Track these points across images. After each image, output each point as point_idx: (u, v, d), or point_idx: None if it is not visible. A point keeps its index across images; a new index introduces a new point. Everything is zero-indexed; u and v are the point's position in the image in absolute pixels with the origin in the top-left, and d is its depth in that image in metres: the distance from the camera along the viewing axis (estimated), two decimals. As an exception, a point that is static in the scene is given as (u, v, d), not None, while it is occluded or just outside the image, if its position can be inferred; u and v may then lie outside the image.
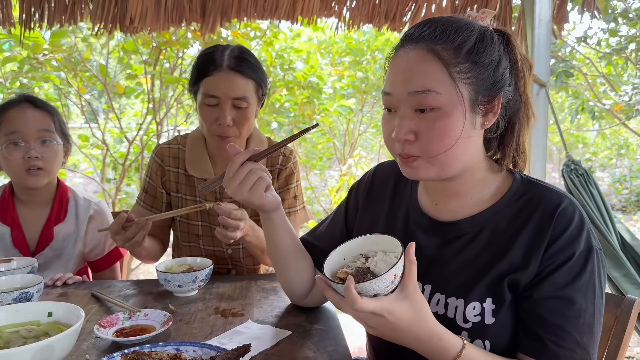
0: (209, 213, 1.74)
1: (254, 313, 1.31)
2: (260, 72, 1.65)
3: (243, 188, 1.13)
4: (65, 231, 1.76)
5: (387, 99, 1.00)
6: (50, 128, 1.70)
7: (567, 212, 0.96)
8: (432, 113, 0.94)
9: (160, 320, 1.21)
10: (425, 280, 1.07)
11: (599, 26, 5.51)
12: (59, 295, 1.47)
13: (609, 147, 9.92)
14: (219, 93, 1.57)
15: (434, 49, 0.94)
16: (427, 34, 0.96)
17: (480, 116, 0.97)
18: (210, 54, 1.61)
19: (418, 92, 0.94)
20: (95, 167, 4.55)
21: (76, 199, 1.81)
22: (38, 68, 3.88)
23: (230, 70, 1.57)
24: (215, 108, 1.59)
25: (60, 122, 1.76)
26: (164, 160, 1.76)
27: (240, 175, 1.12)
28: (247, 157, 1.13)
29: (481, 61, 0.95)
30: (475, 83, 0.95)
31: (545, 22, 2.46)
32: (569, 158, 2.31)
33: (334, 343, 1.14)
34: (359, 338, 2.76)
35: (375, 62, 5.41)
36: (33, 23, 2.62)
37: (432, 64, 0.94)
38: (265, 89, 1.69)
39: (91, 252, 1.81)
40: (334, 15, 2.83)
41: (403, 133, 0.96)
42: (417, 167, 0.99)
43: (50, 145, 1.69)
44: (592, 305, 0.94)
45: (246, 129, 1.64)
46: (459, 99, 0.94)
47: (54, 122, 1.72)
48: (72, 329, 0.97)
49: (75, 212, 1.79)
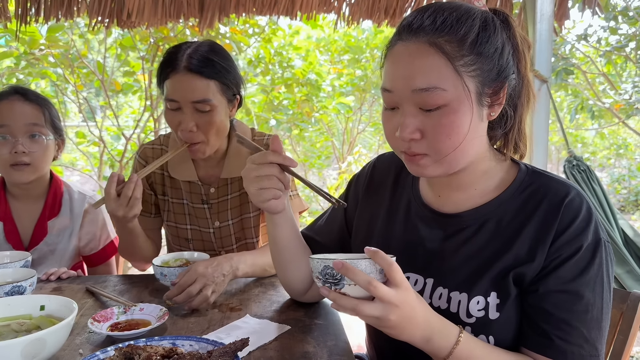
0: (197, 216, 1.68)
1: (252, 308, 1.28)
2: (226, 71, 1.51)
3: (254, 183, 1.09)
4: (59, 226, 1.73)
5: (388, 97, 0.95)
6: (40, 122, 1.65)
7: (575, 204, 0.93)
8: (438, 110, 0.90)
9: (156, 315, 1.18)
10: (426, 274, 1.04)
11: (599, 24, 5.50)
12: (52, 290, 1.43)
13: (608, 147, 9.91)
14: (178, 97, 1.46)
15: (436, 42, 0.89)
16: (427, 24, 0.90)
17: (486, 108, 0.94)
18: (172, 53, 1.50)
19: (422, 89, 0.89)
20: (92, 164, 4.52)
21: (70, 193, 1.78)
22: (35, 64, 3.85)
23: (188, 72, 1.45)
24: (178, 112, 1.48)
25: (52, 115, 1.71)
26: (147, 161, 1.67)
27: (260, 171, 1.08)
28: (281, 161, 1.08)
29: (485, 51, 0.90)
30: (481, 75, 0.90)
31: (547, 17, 2.44)
32: (571, 154, 2.29)
33: (334, 338, 1.11)
34: (358, 337, 2.74)
35: (374, 60, 5.38)
36: (29, 18, 2.59)
37: (435, 59, 0.88)
38: (237, 89, 1.56)
39: (86, 246, 1.78)
40: (333, 10, 2.80)
41: (408, 132, 0.92)
42: (424, 165, 0.95)
43: (39, 140, 1.64)
44: (600, 299, 0.91)
45: (213, 133, 1.51)
46: (465, 94, 0.89)
47: (44, 115, 1.67)
48: (64, 322, 0.94)
49: (70, 206, 1.76)
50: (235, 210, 1.68)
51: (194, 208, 1.68)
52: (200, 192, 1.66)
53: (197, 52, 1.47)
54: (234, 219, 1.68)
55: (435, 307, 0.99)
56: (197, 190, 1.66)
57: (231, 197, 1.67)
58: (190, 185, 1.66)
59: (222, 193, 1.67)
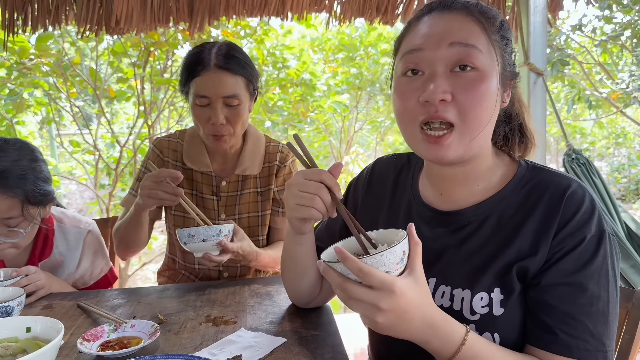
0: (205, 207, 1.72)
1: (247, 320, 1.25)
2: (250, 68, 1.62)
3: (296, 197, 1.00)
4: (50, 265, 1.62)
5: (416, 56, 0.91)
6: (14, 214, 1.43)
7: (577, 196, 0.91)
8: (473, 72, 0.88)
9: (147, 332, 1.15)
10: (429, 274, 1.00)
11: (594, 14, 5.47)
12: (43, 308, 1.40)
13: (606, 137, 9.87)
14: (209, 93, 1.55)
15: (472, 13, 0.91)
16: (460, 2, 0.93)
17: (501, 92, 0.94)
18: (198, 53, 1.58)
19: (462, 43, 0.88)
20: (88, 173, 4.48)
21: (63, 228, 1.66)
22: (27, 74, 3.81)
23: (219, 69, 1.55)
24: (207, 108, 1.57)
25: (34, 199, 1.46)
26: (162, 151, 1.75)
27: (308, 187, 0.98)
28: (333, 185, 0.98)
29: (507, 37, 0.94)
30: (503, 57, 0.93)
31: (541, 9, 2.41)
32: (569, 147, 2.25)
33: (331, 350, 1.07)
34: (360, 340, 2.71)
35: (368, 57, 5.34)
36: (16, 27, 2.56)
37: (472, 25, 0.90)
38: (256, 84, 1.67)
39: (78, 280, 1.68)
40: (324, 9, 2.77)
41: (441, 92, 0.87)
42: (448, 145, 0.90)
43: (13, 232, 1.46)
44: (605, 292, 0.88)
45: (240, 126, 1.62)
46: (495, 65, 0.90)
47: (21, 208, 1.44)
48: (49, 345, 0.90)
49: (66, 244, 1.65)
50: (244, 206, 1.75)
51: (203, 199, 1.74)
52: (212, 184, 1.73)
53: (223, 50, 1.58)
54: (241, 215, 1.75)
55: (438, 305, 0.96)
56: (209, 182, 1.74)
57: (241, 194, 1.74)
58: (202, 176, 1.73)
59: (233, 188, 1.74)
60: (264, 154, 1.76)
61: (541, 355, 0.89)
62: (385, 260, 0.78)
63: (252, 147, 1.75)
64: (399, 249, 0.80)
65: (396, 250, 0.79)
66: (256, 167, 1.73)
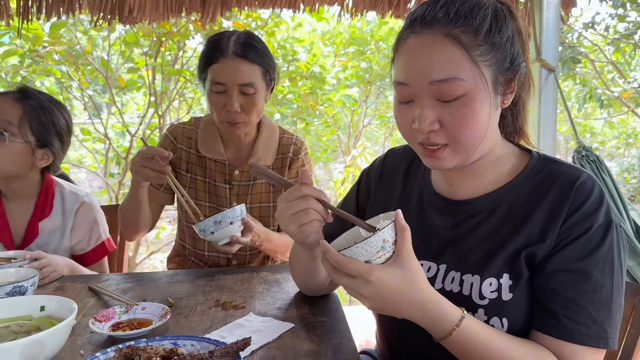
0: (217, 195, 1.75)
1: (255, 305, 1.27)
2: (267, 57, 1.63)
3: (292, 222, 1.01)
4: (50, 226, 1.69)
5: (404, 90, 0.94)
6: (13, 120, 1.56)
7: (587, 185, 0.93)
8: (457, 100, 0.89)
9: (158, 314, 1.17)
10: (440, 261, 1.04)
11: (607, 12, 5.42)
12: (55, 289, 1.42)
13: (617, 136, 9.79)
14: (225, 80, 1.57)
15: (451, 33, 0.88)
16: (440, 16, 0.90)
17: (500, 96, 0.95)
18: (217, 40, 1.61)
19: (441, 80, 0.88)
20: (98, 161, 4.52)
21: (62, 193, 1.73)
22: (39, 61, 3.84)
23: (236, 57, 1.57)
24: (223, 95, 1.59)
25: (38, 120, 1.61)
26: (177, 138, 1.77)
27: (296, 208, 1.00)
28: (316, 194, 1.00)
29: (499, 41, 0.91)
30: (496, 64, 0.91)
31: (554, 5, 2.40)
32: (580, 144, 2.25)
33: (339, 336, 1.09)
34: (366, 332, 2.73)
35: (379, 52, 5.33)
36: (31, 15, 2.58)
37: (452, 50, 0.88)
38: (273, 74, 1.67)
39: (75, 246, 1.74)
40: (336, 2, 2.77)
41: (428, 124, 0.91)
42: (444, 157, 0.95)
43: (1, 139, 1.55)
44: (610, 281, 0.89)
45: (254, 114, 1.64)
46: (482, 83, 0.90)
47: (26, 117, 1.58)
48: (63, 323, 0.92)
49: (62, 207, 1.72)
50: (255, 196, 1.77)
51: (216, 186, 1.76)
52: (225, 172, 1.75)
53: (241, 39, 1.60)
54: (252, 205, 1.77)
55: (447, 290, 1.00)
56: (222, 170, 1.75)
57: (254, 184, 1.76)
58: (216, 164, 1.75)
59: (245, 177, 1.76)
60: (277, 145, 1.77)
61: (544, 340, 0.91)
62: (362, 251, 0.83)
63: (266, 137, 1.76)
64: (375, 239, 0.83)
65: (372, 241, 0.83)
66: (270, 158, 1.75)
